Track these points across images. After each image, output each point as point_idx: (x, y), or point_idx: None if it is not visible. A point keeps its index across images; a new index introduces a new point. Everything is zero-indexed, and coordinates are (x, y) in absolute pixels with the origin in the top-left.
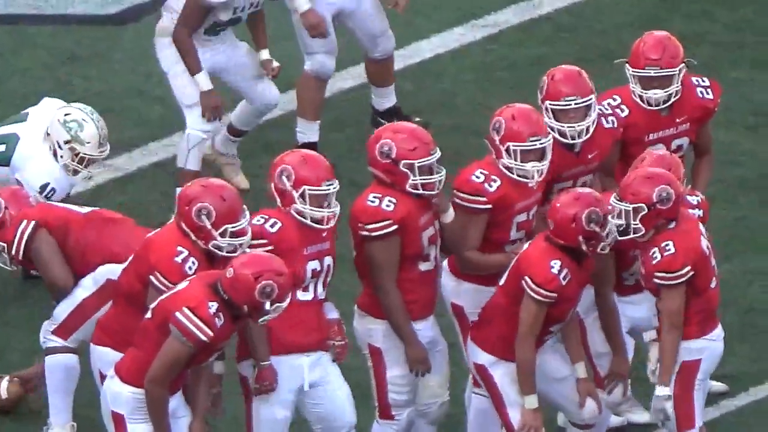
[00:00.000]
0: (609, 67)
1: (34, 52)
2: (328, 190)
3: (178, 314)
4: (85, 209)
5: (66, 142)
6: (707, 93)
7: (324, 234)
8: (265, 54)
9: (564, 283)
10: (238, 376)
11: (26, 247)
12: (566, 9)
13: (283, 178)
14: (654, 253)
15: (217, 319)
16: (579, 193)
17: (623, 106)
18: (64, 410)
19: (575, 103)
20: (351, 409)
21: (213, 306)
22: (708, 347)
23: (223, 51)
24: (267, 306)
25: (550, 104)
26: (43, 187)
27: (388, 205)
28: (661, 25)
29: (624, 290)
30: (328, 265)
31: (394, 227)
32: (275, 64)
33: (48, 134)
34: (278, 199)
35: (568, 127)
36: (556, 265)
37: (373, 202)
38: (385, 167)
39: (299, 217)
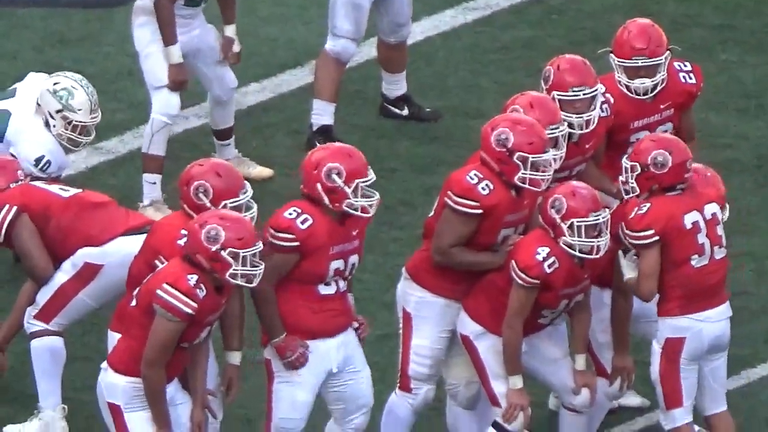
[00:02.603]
0: (600, 50)
1: (24, 34)
2: (374, 177)
3: (159, 292)
4: (70, 192)
5: (57, 111)
6: (690, 77)
7: (354, 233)
8: (230, 30)
9: (549, 271)
10: (265, 360)
11: (7, 232)
12: None
13: (333, 176)
14: (633, 210)
15: (198, 290)
16: (575, 188)
17: (608, 95)
18: (53, 393)
19: (583, 94)
20: (370, 391)
21: (192, 278)
22: (693, 327)
23: (197, 34)
24: (215, 249)
25: (557, 95)
26: (38, 160)
27: (483, 189)
28: (651, 8)
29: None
30: (353, 264)
31: (479, 211)
32: (237, 47)
33: (39, 105)
34: (326, 198)
35: (576, 117)
36: (542, 252)
37: (472, 179)
38: (498, 156)
39: (350, 210)
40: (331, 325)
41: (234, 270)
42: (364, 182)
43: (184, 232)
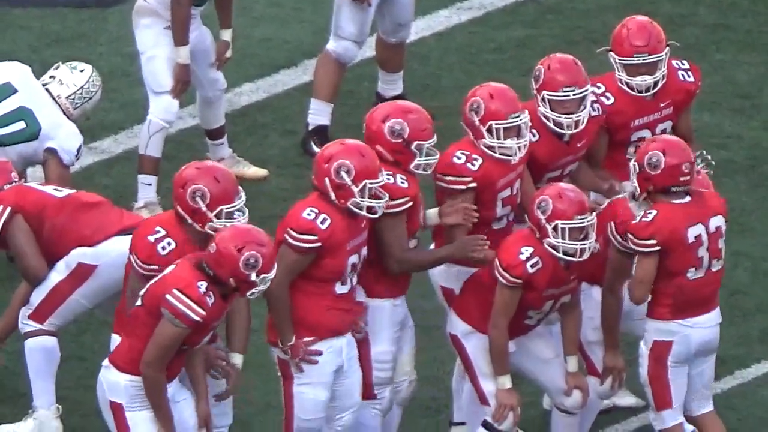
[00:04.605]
0: (594, 50)
1: (19, 34)
2: (384, 179)
3: (168, 297)
4: (64, 192)
5: (91, 98)
6: (688, 76)
7: (363, 224)
8: (227, 35)
9: (532, 271)
10: (276, 359)
11: (1, 233)
12: None
13: (342, 173)
14: (633, 214)
15: (208, 297)
16: (563, 189)
17: (608, 94)
18: (47, 392)
19: (573, 94)
20: (360, 392)
21: (202, 285)
22: (681, 332)
23: (194, 36)
24: (252, 277)
25: (547, 94)
26: (78, 150)
27: (402, 182)
28: (646, 7)
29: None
30: (364, 256)
31: (408, 205)
32: (229, 53)
33: (53, 97)
34: (332, 194)
35: (565, 117)
36: (526, 251)
37: (389, 179)
38: (393, 146)
39: (355, 209)
40: (345, 323)
41: (254, 291)
42: (373, 183)
43: (158, 229)
